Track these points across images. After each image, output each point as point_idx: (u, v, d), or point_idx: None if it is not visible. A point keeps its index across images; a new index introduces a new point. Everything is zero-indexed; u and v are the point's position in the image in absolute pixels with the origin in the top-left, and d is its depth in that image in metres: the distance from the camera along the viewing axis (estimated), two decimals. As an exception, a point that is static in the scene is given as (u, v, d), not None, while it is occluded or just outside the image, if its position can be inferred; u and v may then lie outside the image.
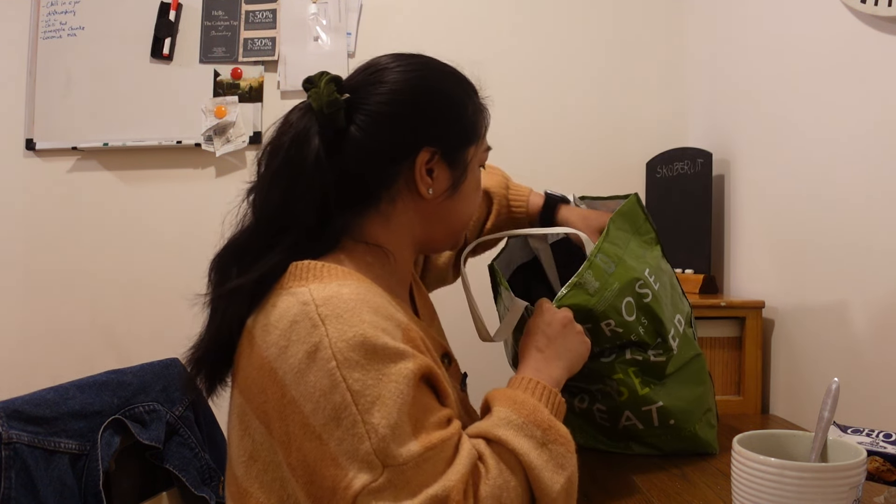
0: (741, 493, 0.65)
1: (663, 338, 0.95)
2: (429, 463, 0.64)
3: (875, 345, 1.04)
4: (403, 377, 0.65)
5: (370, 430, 0.63)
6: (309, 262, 0.73)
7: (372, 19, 1.94)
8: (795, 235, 1.27)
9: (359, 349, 0.65)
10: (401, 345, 0.67)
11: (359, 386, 0.64)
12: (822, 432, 0.68)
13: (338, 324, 0.66)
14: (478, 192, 0.88)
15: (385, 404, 0.64)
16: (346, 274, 0.72)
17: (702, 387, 1.01)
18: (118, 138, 1.95)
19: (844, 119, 1.12)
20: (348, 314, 0.66)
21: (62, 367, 1.57)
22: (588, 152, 1.90)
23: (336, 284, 0.70)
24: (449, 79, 0.86)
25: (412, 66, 0.82)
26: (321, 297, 0.68)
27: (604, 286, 0.90)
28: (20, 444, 0.78)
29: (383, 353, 0.65)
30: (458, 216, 0.86)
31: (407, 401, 0.65)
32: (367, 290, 0.70)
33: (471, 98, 0.86)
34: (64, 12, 1.99)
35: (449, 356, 0.88)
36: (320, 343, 0.65)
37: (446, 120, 0.83)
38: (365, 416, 0.63)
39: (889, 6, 0.99)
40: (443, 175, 0.81)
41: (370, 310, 0.68)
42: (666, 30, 1.89)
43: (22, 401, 0.82)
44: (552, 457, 0.70)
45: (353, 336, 0.65)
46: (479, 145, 0.87)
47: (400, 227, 0.82)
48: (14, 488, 0.76)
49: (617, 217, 0.98)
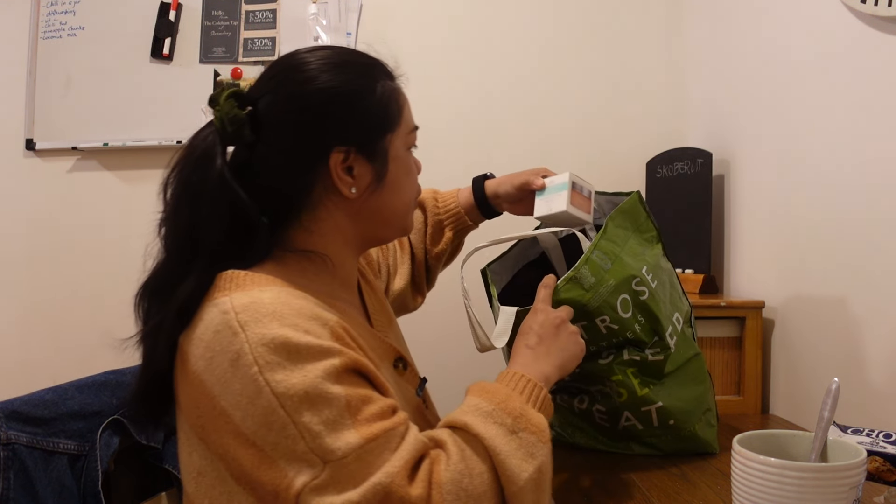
0: (741, 493, 0.65)
1: (660, 336, 0.95)
2: (371, 454, 0.63)
3: (875, 345, 1.04)
4: (329, 372, 0.64)
5: (302, 429, 0.62)
6: (234, 272, 0.72)
7: (372, 19, 1.94)
8: (795, 235, 1.27)
9: (280, 351, 0.64)
10: (325, 342, 0.66)
11: (282, 388, 0.63)
12: (822, 432, 0.68)
13: (257, 328, 0.65)
14: (410, 175, 0.85)
15: (313, 402, 0.63)
16: (268, 281, 0.72)
17: (701, 386, 1.01)
18: (118, 138, 1.95)
19: (845, 119, 1.12)
20: (267, 318, 0.65)
21: (61, 368, 1.57)
22: (588, 152, 1.89)
23: (257, 290, 0.69)
24: (348, 72, 0.81)
25: (310, 67, 0.79)
26: (240, 304, 0.67)
27: (599, 282, 0.90)
28: (19, 445, 0.78)
29: (306, 352, 0.64)
30: (392, 207, 0.83)
31: (338, 394, 0.64)
32: (288, 293, 0.70)
33: (377, 84, 0.81)
34: (64, 12, 1.99)
35: (404, 361, 0.86)
36: (241, 350, 0.64)
37: (351, 115, 0.79)
38: (294, 416, 0.62)
39: (889, 6, 0.99)
40: (364, 171, 0.79)
41: (291, 312, 0.67)
42: (666, 30, 1.89)
43: (21, 401, 0.81)
44: (522, 445, 0.68)
45: (272, 338, 0.64)
46: (399, 129, 0.82)
47: (329, 231, 0.81)
48: (13, 489, 0.76)
49: (617, 214, 0.98)
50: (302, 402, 0.62)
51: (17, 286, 2.01)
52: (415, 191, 0.88)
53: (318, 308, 0.70)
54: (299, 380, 0.63)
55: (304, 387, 0.63)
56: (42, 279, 2.00)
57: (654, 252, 1.01)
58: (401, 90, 0.84)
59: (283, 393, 0.62)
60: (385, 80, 0.82)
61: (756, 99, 1.43)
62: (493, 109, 1.91)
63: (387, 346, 0.84)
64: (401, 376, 0.85)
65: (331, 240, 0.81)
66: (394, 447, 0.64)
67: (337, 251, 0.81)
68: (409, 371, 0.87)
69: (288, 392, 0.62)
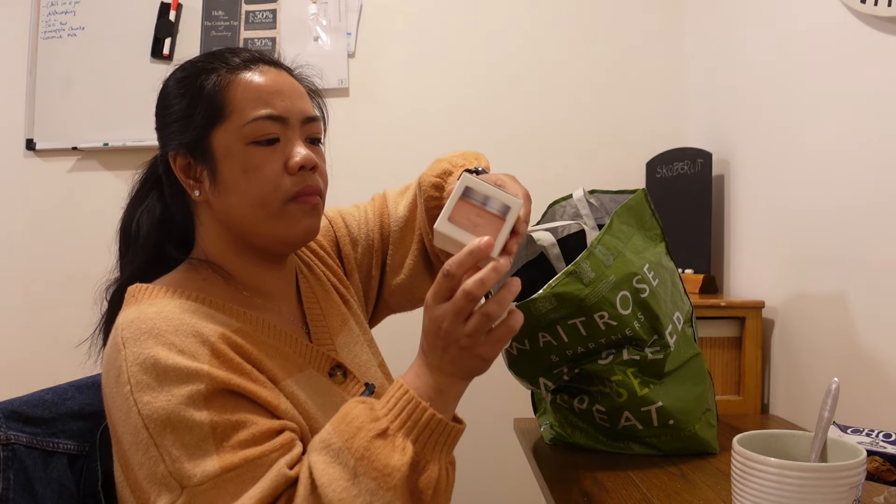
0: (741, 493, 0.65)
1: (660, 334, 0.95)
2: (230, 483, 0.62)
3: (875, 345, 1.04)
4: (193, 397, 0.63)
5: (163, 452, 0.62)
6: (138, 286, 0.75)
7: (372, 19, 1.94)
8: (795, 235, 1.27)
9: (150, 371, 0.64)
10: (194, 364, 0.65)
11: (148, 410, 0.63)
12: (821, 432, 0.68)
13: (134, 346, 0.66)
14: (253, 173, 0.74)
15: (175, 426, 0.63)
16: (162, 293, 0.73)
17: (701, 386, 1.01)
18: (118, 138, 1.95)
19: (844, 119, 1.12)
20: (145, 335, 0.66)
21: (61, 368, 1.57)
22: (588, 152, 1.89)
23: (146, 305, 0.70)
24: (181, 71, 0.81)
25: (164, 82, 0.83)
26: (126, 320, 0.68)
27: (599, 277, 0.90)
28: (18, 445, 0.78)
29: (173, 374, 0.64)
30: (235, 210, 0.76)
31: (201, 420, 0.63)
32: (174, 307, 0.70)
33: (208, 76, 0.77)
34: (64, 12, 1.99)
35: (343, 369, 0.83)
36: (120, 367, 0.66)
37: (171, 117, 0.79)
38: (157, 438, 0.63)
39: (889, 6, 0.99)
40: (200, 171, 0.77)
41: (170, 328, 0.67)
42: (666, 30, 1.89)
43: (20, 401, 0.81)
44: (361, 491, 0.61)
45: (145, 359, 0.65)
46: (228, 121, 0.75)
47: (211, 237, 0.80)
48: (12, 489, 0.76)
49: (623, 210, 0.98)
50: (165, 426, 0.63)
51: (16, 286, 2.01)
52: (269, 191, 0.75)
53: (205, 322, 0.69)
54: (163, 403, 0.63)
55: (167, 411, 0.63)
56: (42, 279, 1.99)
57: (657, 250, 1.01)
58: (240, 80, 0.76)
59: (149, 415, 0.63)
60: (202, 76, 0.77)
61: (756, 99, 1.43)
62: (493, 109, 1.91)
63: (319, 355, 0.81)
64: (338, 385, 0.81)
65: (216, 246, 0.80)
66: (257, 477, 0.62)
67: (227, 258, 0.80)
68: (349, 380, 0.83)
69: (152, 415, 0.63)
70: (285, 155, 0.76)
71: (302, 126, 0.79)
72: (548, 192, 1.42)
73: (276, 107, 0.76)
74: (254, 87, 0.76)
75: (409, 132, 1.90)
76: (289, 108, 0.77)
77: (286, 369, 0.74)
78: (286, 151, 0.76)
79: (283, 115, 0.76)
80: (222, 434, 0.63)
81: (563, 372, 0.99)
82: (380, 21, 1.94)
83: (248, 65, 0.78)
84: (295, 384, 0.74)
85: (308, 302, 0.88)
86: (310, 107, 0.82)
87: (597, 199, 1.12)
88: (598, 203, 1.11)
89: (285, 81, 0.79)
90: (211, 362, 0.66)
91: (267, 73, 0.78)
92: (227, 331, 0.70)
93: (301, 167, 0.76)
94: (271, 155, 0.75)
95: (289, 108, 0.77)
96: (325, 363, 0.81)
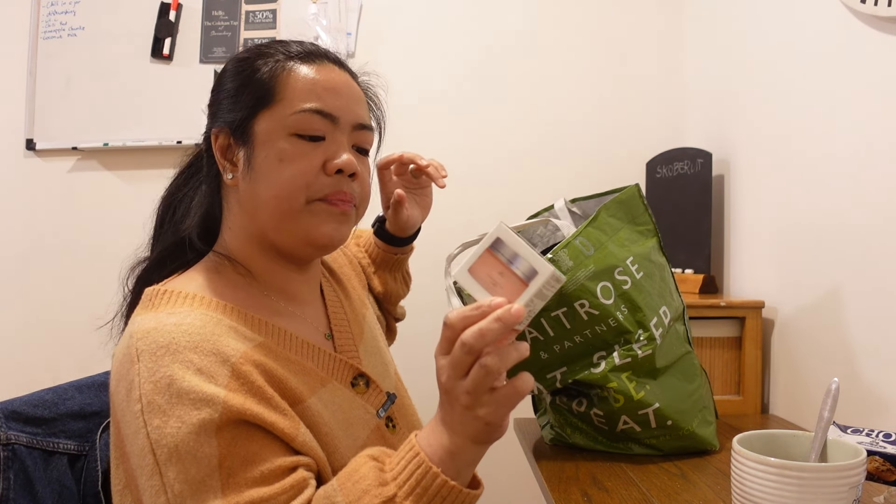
0: (741, 492, 0.65)
1: (644, 327, 0.95)
2: None
3: (874, 345, 1.04)
4: (205, 426, 0.59)
5: (167, 483, 0.59)
6: (158, 287, 0.71)
7: (372, 20, 1.94)
8: (795, 235, 1.27)
9: (164, 392, 0.60)
10: (211, 388, 0.61)
11: (157, 435, 0.60)
12: (821, 432, 0.68)
13: (149, 362, 0.62)
14: (288, 164, 0.71)
15: (182, 457, 0.59)
16: (184, 299, 0.68)
17: (694, 383, 1.02)
18: (118, 138, 1.95)
19: (844, 119, 1.12)
20: (161, 351, 0.62)
21: (61, 368, 1.57)
22: (588, 152, 1.90)
23: (165, 314, 0.66)
24: (244, 52, 0.77)
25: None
26: (142, 329, 0.64)
27: (578, 265, 0.92)
28: (19, 445, 0.78)
29: (187, 398, 0.60)
30: (259, 198, 0.72)
31: (209, 453, 0.59)
32: (195, 319, 0.65)
33: (265, 60, 0.74)
34: (64, 12, 1.99)
35: (366, 378, 0.80)
36: (133, 382, 0.62)
37: (225, 94, 0.75)
38: (163, 467, 0.60)
39: (889, 6, 0.99)
40: (238, 154, 0.73)
41: (189, 345, 0.62)
42: (665, 30, 1.89)
43: (21, 401, 0.81)
44: None
45: (160, 378, 0.61)
46: (274, 106, 0.72)
47: (235, 227, 0.76)
48: (13, 489, 0.76)
49: (612, 204, 0.99)
50: (171, 455, 0.59)
51: (17, 286, 2.01)
52: (298, 186, 0.71)
53: (228, 338, 0.65)
54: (173, 430, 0.60)
55: (176, 440, 0.59)
56: (42, 279, 2.00)
57: (647, 244, 1.01)
58: (296, 69, 0.73)
59: (157, 440, 0.60)
60: (260, 59, 0.75)
61: (756, 99, 1.43)
62: (492, 110, 1.91)
63: (342, 365, 0.78)
64: (360, 395, 0.78)
65: (239, 240, 0.76)
66: None
67: (250, 255, 0.76)
68: (371, 389, 0.80)
69: (160, 441, 0.60)
70: (327, 155, 0.73)
71: (352, 132, 0.75)
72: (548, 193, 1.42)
73: (328, 104, 0.73)
74: (309, 80, 0.73)
75: (409, 132, 1.90)
76: (342, 108, 0.74)
77: (309, 386, 0.71)
78: (329, 151, 0.73)
79: (333, 113, 0.73)
80: (229, 470, 0.59)
81: (556, 378, 0.99)
82: (380, 21, 1.94)
83: (309, 57, 0.75)
84: (319, 401, 0.71)
85: (332, 307, 0.85)
86: (365, 114, 0.78)
87: (579, 207, 1.12)
88: (580, 211, 1.12)
89: (345, 82, 0.76)
90: (230, 385, 0.62)
91: (327, 69, 0.75)
92: (251, 347, 0.67)
93: (339, 170, 0.73)
94: (312, 151, 0.72)
95: (341, 109, 0.74)
96: (347, 373, 0.78)
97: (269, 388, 0.65)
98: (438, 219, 1.89)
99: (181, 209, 0.80)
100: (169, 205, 0.82)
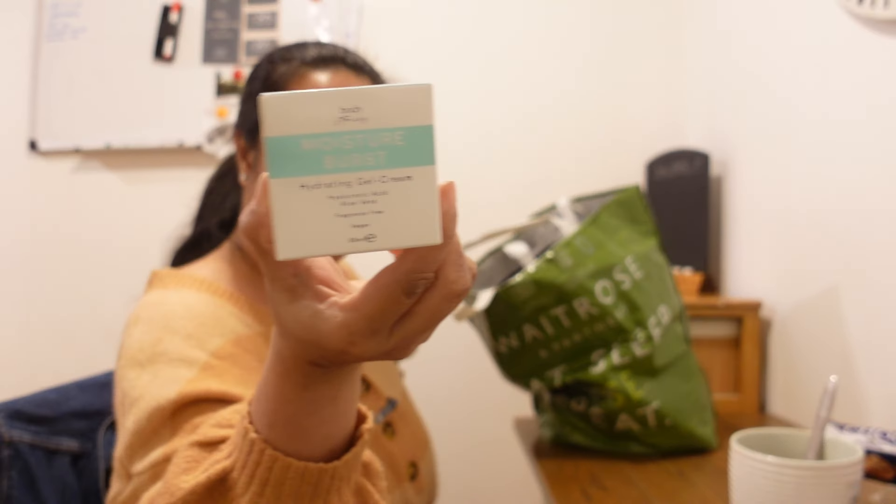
0: (739, 491, 0.66)
1: (642, 326, 0.96)
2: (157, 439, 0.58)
3: (872, 344, 1.04)
4: (174, 381, 0.59)
5: (126, 428, 0.60)
6: (169, 269, 0.75)
7: (372, 21, 1.95)
8: (793, 236, 1.27)
9: (146, 350, 0.62)
10: (195, 352, 0.60)
11: (127, 385, 0.61)
12: (819, 430, 0.69)
13: (144, 326, 0.64)
14: None
15: (140, 406, 0.59)
16: (192, 281, 0.70)
17: (692, 382, 1.02)
18: (120, 139, 1.96)
19: (842, 120, 1.12)
20: (158, 317, 0.64)
21: (64, 367, 1.57)
22: (587, 153, 1.90)
23: (172, 291, 0.68)
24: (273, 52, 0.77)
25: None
26: (148, 301, 0.67)
27: (577, 264, 0.92)
28: (21, 444, 0.78)
29: (166, 357, 0.61)
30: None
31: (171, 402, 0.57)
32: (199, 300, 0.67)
33: (281, 65, 0.74)
34: (67, 14, 1.99)
35: (366, 382, 0.79)
36: (125, 342, 0.66)
37: (245, 96, 0.77)
38: (126, 414, 0.60)
39: (885, 8, 1.00)
40: (251, 156, 0.75)
41: (186, 316, 0.63)
42: (665, 31, 1.90)
43: (23, 401, 0.82)
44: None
45: (149, 339, 0.62)
46: None
47: None
48: (16, 488, 0.76)
49: (612, 204, 1.00)
50: (133, 404, 0.59)
51: (19, 286, 2.01)
52: None
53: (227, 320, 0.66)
54: (146, 381, 0.60)
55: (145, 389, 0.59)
56: (44, 279, 2.00)
57: (647, 244, 1.02)
58: (306, 76, 0.72)
59: (126, 390, 0.61)
60: (275, 64, 0.75)
61: (754, 100, 1.44)
62: (492, 110, 1.92)
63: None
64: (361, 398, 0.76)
65: None
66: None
67: None
68: (370, 393, 0.80)
69: (130, 391, 0.61)
70: None
71: None
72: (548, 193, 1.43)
73: None
74: (316, 83, 0.72)
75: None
76: None
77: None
78: None
79: None
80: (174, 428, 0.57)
81: (554, 377, 1.00)
82: (380, 22, 1.94)
83: (324, 62, 0.73)
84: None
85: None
86: None
87: (583, 206, 1.12)
88: (583, 210, 1.12)
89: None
90: (217, 352, 0.62)
91: (342, 76, 0.73)
92: (251, 334, 0.68)
93: None
94: None
95: None
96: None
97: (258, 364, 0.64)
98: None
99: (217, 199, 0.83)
100: (213, 189, 0.84)
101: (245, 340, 0.66)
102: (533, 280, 0.91)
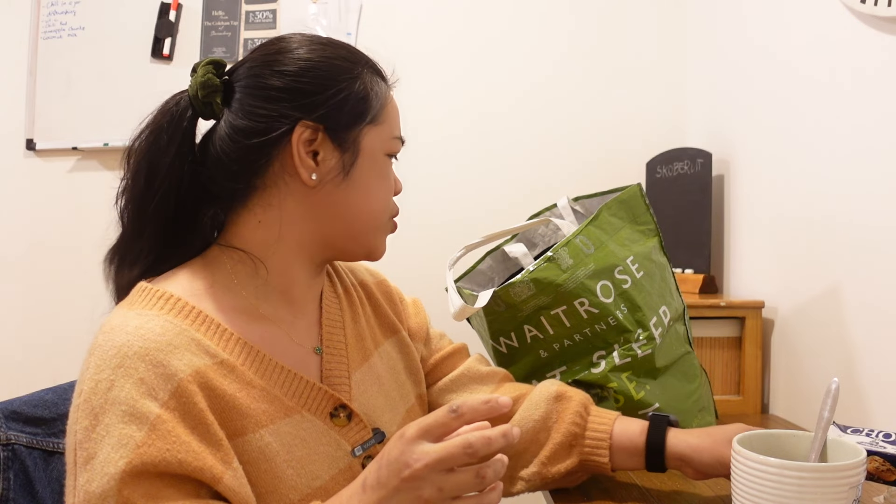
0: (741, 492, 0.65)
1: (644, 326, 0.95)
2: None
3: (874, 345, 1.04)
4: (120, 444, 0.57)
5: (78, 488, 0.58)
6: (145, 283, 0.69)
7: (372, 20, 1.94)
8: (795, 236, 1.27)
9: (101, 395, 0.59)
10: (146, 404, 0.58)
11: (82, 436, 0.59)
12: (821, 432, 0.68)
13: (99, 359, 0.61)
14: (384, 181, 0.77)
15: (94, 468, 0.57)
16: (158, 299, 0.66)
17: (693, 383, 1.02)
18: (118, 138, 1.95)
19: (844, 119, 1.12)
20: (113, 352, 0.60)
21: (62, 368, 1.57)
22: (588, 153, 1.89)
23: (134, 313, 0.64)
24: (330, 51, 0.74)
25: (293, 41, 0.74)
26: (109, 325, 0.63)
27: (577, 264, 0.92)
28: (19, 445, 0.78)
29: (119, 408, 0.58)
30: (356, 208, 0.73)
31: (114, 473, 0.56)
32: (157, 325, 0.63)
33: (362, 73, 0.75)
34: (64, 12, 1.99)
35: (347, 409, 0.74)
36: (82, 375, 0.62)
37: (327, 92, 0.71)
38: (79, 469, 0.58)
39: (889, 6, 0.99)
40: (330, 157, 0.71)
41: (139, 353, 0.60)
42: (665, 30, 1.89)
43: (21, 401, 0.82)
44: None
45: (102, 379, 0.59)
46: (380, 126, 0.76)
47: (275, 222, 0.71)
48: (13, 489, 0.76)
49: (613, 203, 1.00)
50: (88, 461, 0.58)
51: (17, 285, 2.01)
52: (387, 204, 0.78)
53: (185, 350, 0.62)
54: (97, 437, 0.58)
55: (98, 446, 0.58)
56: (42, 279, 2.00)
57: (648, 244, 1.02)
58: (390, 94, 0.80)
59: (81, 441, 0.59)
60: (371, 75, 0.76)
61: (756, 99, 1.43)
62: (492, 110, 1.91)
63: (319, 394, 0.72)
64: (338, 428, 0.72)
65: (280, 236, 0.72)
66: None
67: (282, 253, 0.72)
68: (353, 423, 0.74)
69: (83, 442, 0.59)
70: (393, 177, 0.81)
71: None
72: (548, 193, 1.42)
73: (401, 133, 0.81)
74: (396, 109, 0.81)
75: (409, 132, 1.90)
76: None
77: (268, 415, 0.67)
78: (394, 174, 0.81)
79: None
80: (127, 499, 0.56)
81: (554, 377, 0.99)
82: (380, 21, 1.94)
83: (391, 87, 0.82)
84: (272, 434, 0.66)
85: (329, 320, 0.80)
86: None
87: (582, 206, 1.12)
88: (583, 209, 1.12)
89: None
90: (168, 403, 0.59)
91: (394, 98, 0.82)
92: (208, 364, 0.64)
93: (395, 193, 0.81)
94: (391, 173, 0.80)
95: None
96: (325, 403, 0.72)
97: (209, 415, 0.62)
98: (439, 218, 1.90)
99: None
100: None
101: (199, 376, 0.63)
102: (533, 279, 0.91)
